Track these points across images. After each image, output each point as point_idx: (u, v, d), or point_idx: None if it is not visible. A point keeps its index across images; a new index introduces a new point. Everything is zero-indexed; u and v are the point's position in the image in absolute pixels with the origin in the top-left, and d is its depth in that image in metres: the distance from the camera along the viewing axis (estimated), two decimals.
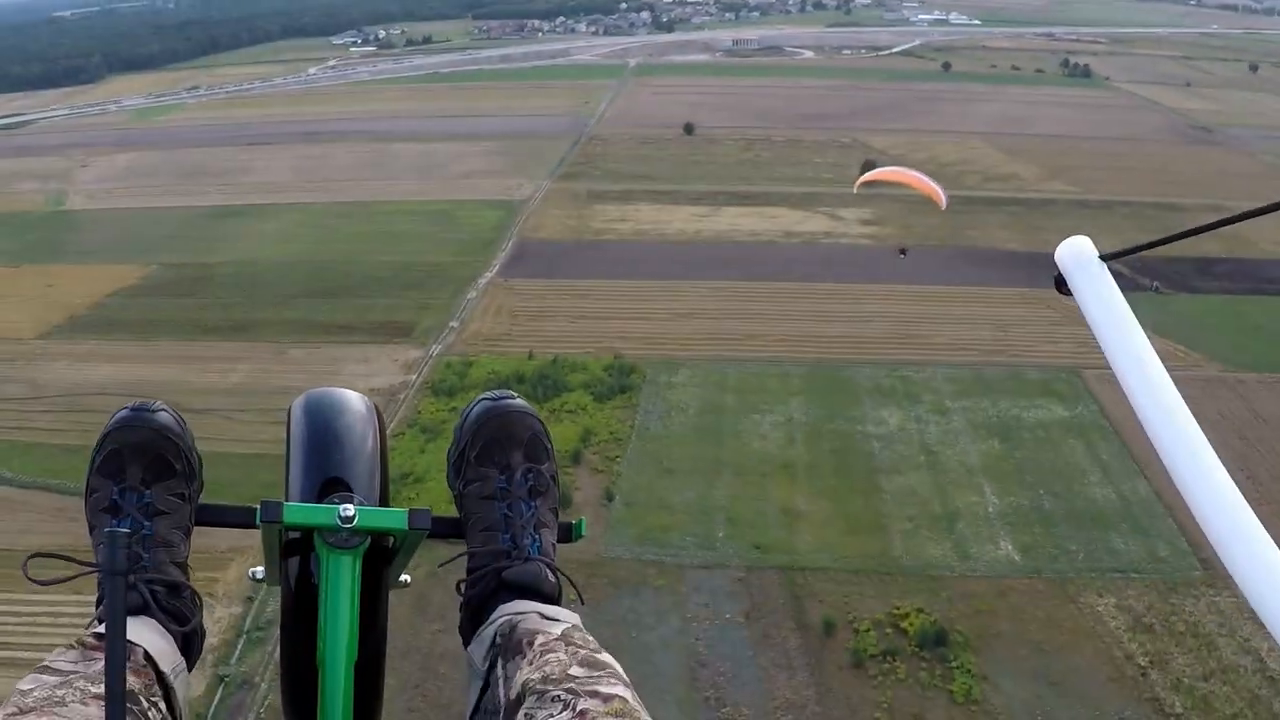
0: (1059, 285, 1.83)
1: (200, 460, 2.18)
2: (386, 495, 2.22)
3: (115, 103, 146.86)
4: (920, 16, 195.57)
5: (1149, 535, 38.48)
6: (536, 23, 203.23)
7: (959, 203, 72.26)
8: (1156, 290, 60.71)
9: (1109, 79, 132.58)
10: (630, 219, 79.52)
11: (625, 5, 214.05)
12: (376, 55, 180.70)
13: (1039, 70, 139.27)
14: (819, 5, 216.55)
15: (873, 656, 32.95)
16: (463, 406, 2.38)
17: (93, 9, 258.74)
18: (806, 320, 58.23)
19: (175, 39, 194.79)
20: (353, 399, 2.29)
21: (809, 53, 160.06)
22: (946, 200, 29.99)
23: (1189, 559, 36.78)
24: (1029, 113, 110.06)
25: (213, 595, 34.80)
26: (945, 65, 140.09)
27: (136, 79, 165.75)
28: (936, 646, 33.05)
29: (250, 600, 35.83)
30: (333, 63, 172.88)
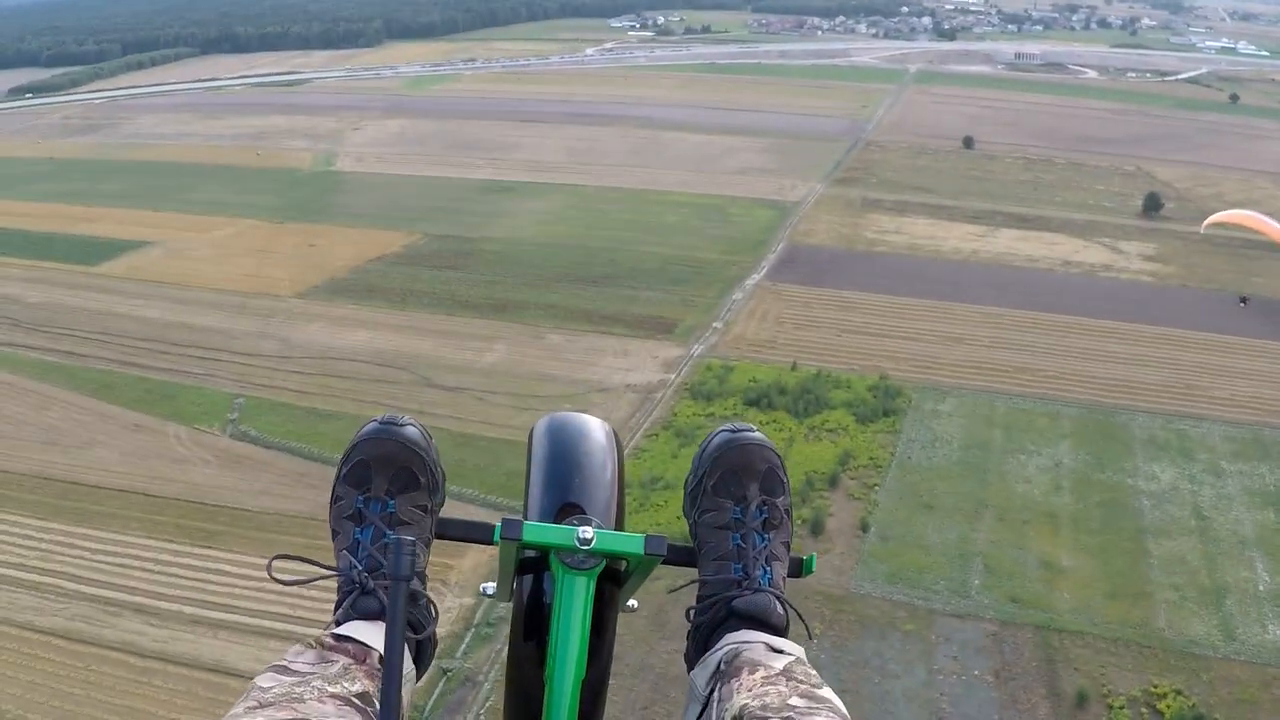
0: None
1: (444, 475, 2.25)
2: (622, 520, 2.30)
3: (391, 69, 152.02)
4: (1208, 43, 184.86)
5: None
6: (816, 20, 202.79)
7: (1244, 245, 69.17)
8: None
9: None
10: (905, 231, 78.23)
11: (906, 9, 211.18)
12: (654, 41, 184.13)
13: None
14: (1103, 24, 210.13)
15: None
16: (708, 431, 2.46)
17: None
18: (1081, 358, 56.31)
19: (455, 9, 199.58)
20: (593, 424, 2.39)
21: (1092, 72, 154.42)
22: None
23: None
24: None
25: (445, 583, 34.50)
26: (1233, 96, 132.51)
27: (413, 47, 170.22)
28: None
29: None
30: (610, 45, 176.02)
